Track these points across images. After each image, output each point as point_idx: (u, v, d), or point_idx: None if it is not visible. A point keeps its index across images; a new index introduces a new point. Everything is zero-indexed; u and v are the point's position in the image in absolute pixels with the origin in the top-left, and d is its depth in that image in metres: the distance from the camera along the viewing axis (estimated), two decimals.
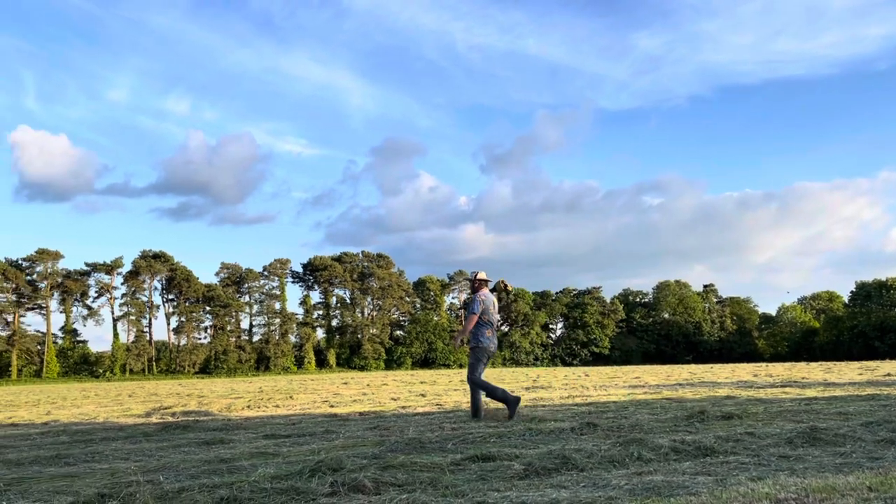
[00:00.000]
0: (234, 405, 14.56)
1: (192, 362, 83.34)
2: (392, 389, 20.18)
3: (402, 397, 15.20)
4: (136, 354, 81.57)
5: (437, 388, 20.22)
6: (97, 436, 8.75)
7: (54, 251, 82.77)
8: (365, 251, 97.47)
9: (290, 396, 17.61)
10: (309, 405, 13.78)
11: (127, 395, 24.29)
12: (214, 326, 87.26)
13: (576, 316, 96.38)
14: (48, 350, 79.17)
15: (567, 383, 20.76)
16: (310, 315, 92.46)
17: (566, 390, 16.38)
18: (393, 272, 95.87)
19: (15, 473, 5.60)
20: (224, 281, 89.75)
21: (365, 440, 6.83)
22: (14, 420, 13.30)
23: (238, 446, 6.80)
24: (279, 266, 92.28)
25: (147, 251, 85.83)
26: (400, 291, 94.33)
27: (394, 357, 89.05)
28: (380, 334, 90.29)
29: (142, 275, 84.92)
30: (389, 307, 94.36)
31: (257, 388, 27.12)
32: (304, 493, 3.94)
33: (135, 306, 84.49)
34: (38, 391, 40.11)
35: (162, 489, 4.18)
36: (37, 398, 26.12)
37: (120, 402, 18.76)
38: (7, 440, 8.87)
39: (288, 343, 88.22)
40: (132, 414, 13.38)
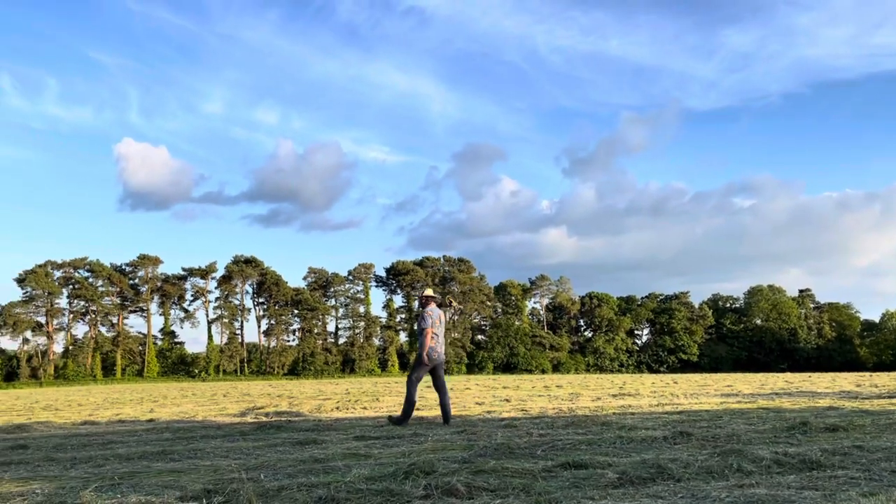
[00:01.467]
0: (323, 406, 14.93)
1: (281, 364, 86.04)
2: (475, 394, 20.20)
3: (487, 402, 15.19)
4: (228, 356, 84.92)
5: (521, 393, 20.11)
6: (197, 433, 9.15)
7: (154, 257, 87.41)
8: (446, 256, 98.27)
9: (376, 399, 17.90)
10: (396, 408, 13.96)
11: (222, 395, 25.31)
12: (302, 329, 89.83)
13: (662, 322, 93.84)
14: (149, 350, 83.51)
15: (655, 391, 20.24)
16: (393, 318, 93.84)
17: (655, 398, 15.96)
18: (474, 277, 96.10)
19: (125, 468, 5.93)
20: (311, 285, 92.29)
21: (453, 444, 6.86)
22: (121, 417, 14.09)
23: (330, 447, 6.97)
24: (363, 270, 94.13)
25: (239, 256, 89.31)
26: (481, 296, 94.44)
27: (475, 361, 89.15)
28: (461, 338, 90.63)
29: (234, 279, 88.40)
30: (471, 311, 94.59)
31: (344, 389, 27.72)
32: (398, 495, 4.00)
33: (228, 309, 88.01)
34: (140, 389, 42.37)
35: (263, 487, 4.33)
36: (140, 396, 27.59)
37: (216, 402, 19.56)
38: (116, 436, 9.40)
39: (372, 346, 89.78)
40: (228, 413, 13.92)
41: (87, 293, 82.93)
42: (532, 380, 42.16)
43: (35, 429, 11.28)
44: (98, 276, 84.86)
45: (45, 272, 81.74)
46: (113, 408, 18.21)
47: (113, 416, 14.60)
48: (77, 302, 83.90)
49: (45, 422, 13.15)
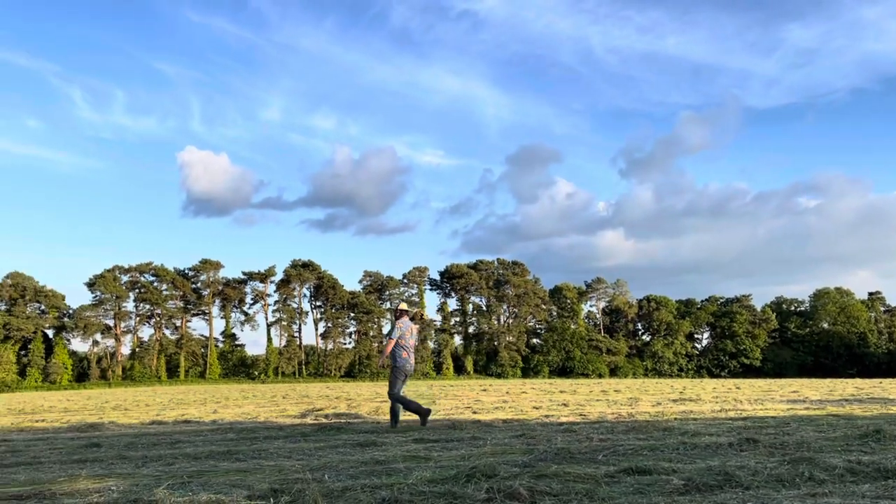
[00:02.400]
0: (381, 409, 15.07)
1: (338, 366, 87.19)
2: (532, 398, 20.08)
3: (544, 406, 15.08)
4: (287, 358, 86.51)
5: (579, 397, 19.90)
6: (260, 434, 9.36)
7: (216, 261, 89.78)
8: (500, 259, 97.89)
9: (432, 402, 17.96)
10: (452, 410, 14.00)
11: (281, 397, 25.80)
12: (358, 332, 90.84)
13: (723, 325, 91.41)
14: (211, 353, 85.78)
15: (717, 396, 19.74)
16: (447, 322, 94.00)
17: (717, 403, 15.58)
18: (528, 280, 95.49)
19: (194, 467, 6.11)
20: (367, 288, 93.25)
21: (513, 448, 6.84)
22: (186, 417, 14.51)
23: (390, 449, 7.03)
24: (418, 274, 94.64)
25: (297, 260, 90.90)
26: (536, 299, 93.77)
27: (530, 365, 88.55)
28: (516, 342, 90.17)
29: (292, 283, 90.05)
30: (525, 315, 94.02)
31: None
32: (460, 497, 4.01)
33: (286, 312, 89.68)
34: (202, 391, 43.53)
35: (327, 487, 4.40)
36: (203, 397, 28.35)
37: (276, 403, 19.96)
38: (183, 435, 9.69)
39: (427, 349, 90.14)
40: (288, 414, 14.19)
41: (153, 297, 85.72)
42: (589, 384, 41.64)
43: (107, 428, 11.72)
44: (162, 280, 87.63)
45: (113, 277, 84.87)
46: (178, 408, 18.76)
47: (178, 416, 15.05)
48: (143, 305, 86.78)
49: (116, 422, 13.65)
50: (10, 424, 13.75)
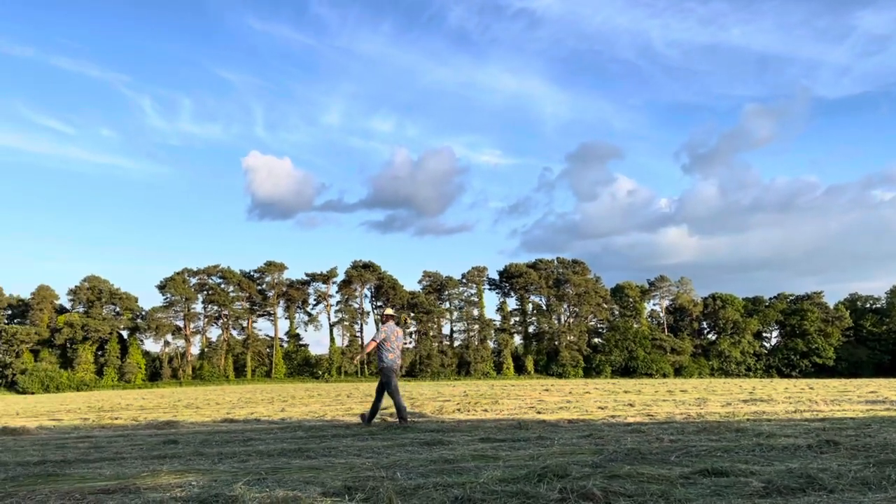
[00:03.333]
0: (444, 408, 15.14)
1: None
2: (596, 398, 19.83)
3: (610, 406, 14.88)
4: (349, 358, 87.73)
5: (644, 397, 19.55)
6: (328, 432, 9.52)
7: (279, 263, 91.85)
8: (560, 257, 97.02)
9: (495, 401, 17.95)
10: (516, 410, 13.95)
11: (345, 396, 26.20)
12: (418, 332, 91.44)
13: (793, 323, 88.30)
14: (276, 352, 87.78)
15: (790, 396, 19.09)
16: (507, 321, 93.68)
17: (791, 404, 15.07)
18: (589, 278, 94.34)
19: (268, 463, 6.26)
20: (426, 288, 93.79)
21: (581, 448, 6.77)
22: (256, 416, 14.89)
23: (457, 448, 7.05)
24: (476, 273, 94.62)
25: (358, 261, 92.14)
26: (597, 298, 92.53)
27: (592, 365, 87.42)
28: (577, 341, 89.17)
29: (353, 283, 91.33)
30: (586, 314, 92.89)
31: (462, 392, 27.96)
32: (533, 497, 3.99)
33: (348, 313, 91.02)
34: (269, 390, 44.58)
35: (400, 485, 4.45)
36: (270, 396, 29.03)
37: (341, 402, 20.27)
38: (254, 433, 9.94)
39: (487, 349, 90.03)
40: (354, 413, 14.40)
41: (220, 298, 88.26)
42: (653, 384, 40.86)
43: (181, 425, 12.13)
44: (229, 282, 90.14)
45: (182, 279, 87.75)
46: (247, 407, 19.27)
47: (248, 414, 15.45)
48: (211, 307, 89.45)
49: (189, 420, 14.10)
50: (91, 422, 14.37)
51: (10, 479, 5.63)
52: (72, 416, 16.66)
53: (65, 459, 6.96)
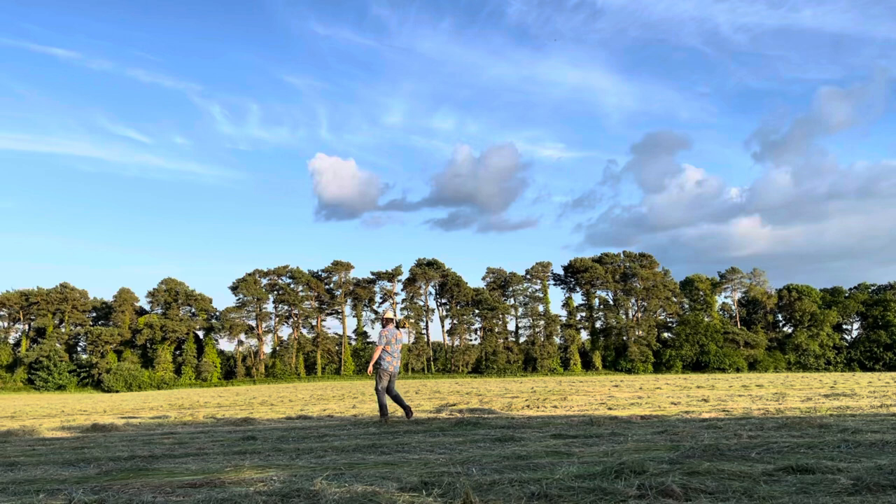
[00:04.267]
0: (513, 404, 15.11)
1: (464, 362, 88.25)
2: (668, 393, 19.44)
3: (683, 402, 14.57)
4: (416, 354, 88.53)
5: (718, 392, 19.05)
6: (401, 429, 9.64)
7: (346, 262, 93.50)
8: (626, 251, 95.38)
9: (564, 398, 17.81)
10: (586, 406, 13.81)
11: (414, 392, 26.45)
12: (483, 328, 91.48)
13: (876, 315, 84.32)
14: (344, 350, 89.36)
15: (874, 391, 18.27)
16: (573, 317, 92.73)
17: (876, 398, 14.42)
18: (657, 272, 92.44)
19: (344, 459, 6.40)
20: (490, 285, 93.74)
21: (656, 444, 6.66)
22: (328, 412, 15.20)
23: (529, 444, 7.04)
24: (541, 269, 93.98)
25: (422, 259, 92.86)
26: (666, 292, 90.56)
27: (662, 360, 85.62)
28: (646, 336, 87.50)
29: (418, 281, 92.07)
30: (655, 308, 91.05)
31: (529, 388, 27.85)
32: (611, 493, 3.96)
33: (413, 310, 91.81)
34: (339, 387, 45.43)
35: (476, 481, 4.48)
36: (341, 393, 29.58)
37: (410, 399, 20.47)
38: (328, 429, 10.16)
39: (553, 345, 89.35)
40: (423, 409, 14.52)
41: (290, 298, 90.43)
42: (727, 379, 39.73)
43: (258, 422, 12.50)
44: (298, 282, 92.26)
45: (253, 280, 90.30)
46: (319, 403, 19.69)
47: (321, 411, 15.79)
48: (281, 306, 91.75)
49: (265, 417, 14.51)
50: (173, 419, 14.95)
51: (103, 473, 5.93)
52: (155, 414, 17.38)
53: (152, 455, 7.28)
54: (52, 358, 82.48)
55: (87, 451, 7.88)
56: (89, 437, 10.63)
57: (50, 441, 10.00)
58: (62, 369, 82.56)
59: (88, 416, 17.30)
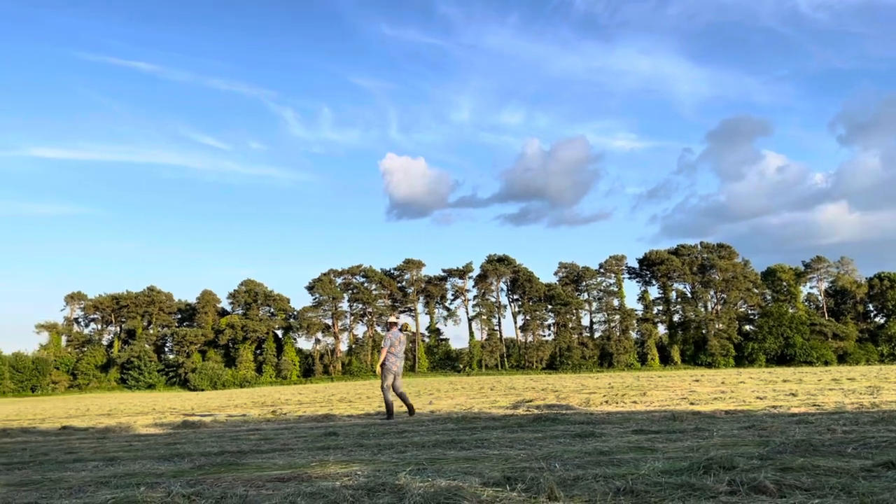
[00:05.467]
0: (591, 400, 14.93)
1: (538, 358, 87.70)
2: (752, 387, 18.78)
3: (769, 396, 14.06)
4: (489, 351, 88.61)
5: (807, 386, 18.29)
6: (478, 424, 9.67)
7: (417, 260, 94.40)
8: (704, 242, 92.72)
9: (643, 393, 17.46)
10: (667, 401, 13.51)
11: (489, 388, 26.47)
12: (557, 324, 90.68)
13: None
14: (418, 347, 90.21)
15: None
16: (649, 311, 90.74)
17: None
18: (737, 262, 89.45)
19: (424, 454, 6.46)
20: (563, 280, 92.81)
21: (744, 440, 6.46)
22: (405, 408, 15.37)
23: (610, 440, 6.95)
24: (615, 263, 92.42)
25: (492, 255, 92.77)
26: (746, 283, 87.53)
27: (744, 353, 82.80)
28: (727, 329, 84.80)
29: (489, 277, 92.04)
30: (735, 300, 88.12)
31: (606, 383, 27.43)
32: (699, 489, 3.86)
33: (485, 307, 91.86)
34: (414, 384, 45.87)
35: (559, 476, 4.45)
36: (416, 390, 29.87)
37: (485, 395, 20.50)
38: (407, 425, 10.29)
39: (629, 339, 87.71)
40: (500, 406, 14.52)
41: (364, 296, 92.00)
42: (815, 372, 38.09)
43: (338, 418, 12.78)
44: (371, 280, 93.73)
45: (329, 279, 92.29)
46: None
47: (398, 407, 15.98)
48: (356, 305, 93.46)
49: (344, 413, 14.80)
50: (257, 416, 15.44)
51: (196, 467, 6.18)
52: (240, 411, 17.99)
53: (240, 450, 7.54)
54: (143, 358, 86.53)
55: (180, 447, 8.23)
56: (180, 433, 11.11)
57: (145, 437, 10.50)
58: (151, 369, 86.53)
59: (178, 414, 18.06)
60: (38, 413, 25.51)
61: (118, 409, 25.54)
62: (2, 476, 6.24)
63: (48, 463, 7.23)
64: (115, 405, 31.41)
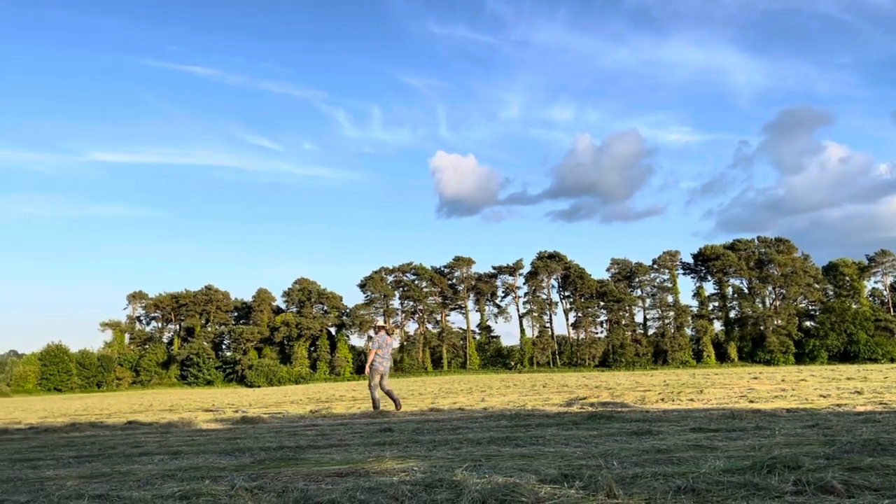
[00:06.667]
0: (646, 397, 14.72)
1: (591, 355, 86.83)
2: (814, 385, 18.24)
3: (833, 394, 13.63)
4: (541, 348, 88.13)
5: (873, 384, 17.66)
6: (532, 422, 9.64)
7: (467, 258, 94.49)
8: (761, 236, 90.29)
9: (700, 390, 17.14)
10: (724, 399, 13.24)
11: (541, 386, 26.35)
12: (609, 321, 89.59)
13: None
14: (469, 344, 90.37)
15: None
16: (705, 307, 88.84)
17: None
18: (796, 257, 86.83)
19: (479, 451, 6.48)
20: (615, 276, 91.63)
21: (808, 439, 6.29)
22: (458, 405, 15.43)
23: (668, 438, 6.84)
24: (668, 258, 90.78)
25: (543, 252, 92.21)
26: (807, 278, 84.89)
27: (805, 350, 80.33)
28: (786, 325, 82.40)
29: (540, 274, 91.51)
30: (795, 296, 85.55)
31: (661, 381, 27.00)
32: (764, 489, 3.78)
33: (536, 304, 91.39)
34: (466, 380, 45.98)
35: (617, 474, 4.41)
36: (468, 387, 29.94)
37: (537, 392, 20.43)
38: (459, 422, 10.32)
39: (684, 336, 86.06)
40: (553, 403, 14.44)
41: (415, 294, 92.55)
42: (881, 370, 36.70)
43: (392, 414, 12.89)
44: (422, 278, 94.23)
45: (380, 277, 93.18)
46: (449, 397, 20.02)
47: (451, 404, 16.06)
48: (407, 302, 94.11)
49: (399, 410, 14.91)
50: (309, 412, 15.70)
51: (257, 462, 6.33)
52: (296, 407, 18.32)
53: (298, 445, 7.69)
54: (201, 355, 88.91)
55: (240, 442, 8.44)
56: (239, 428, 11.38)
57: (206, 432, 10.80)
58: (210, 366, 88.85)
59: (236, 409, 18.50)
60: (105, 408, 26.48)
61: (179, 404, 26.30)
62: (74, 468, 6.51)
63: (116, 456, 7.50)
64: (176, 401, 32.36)
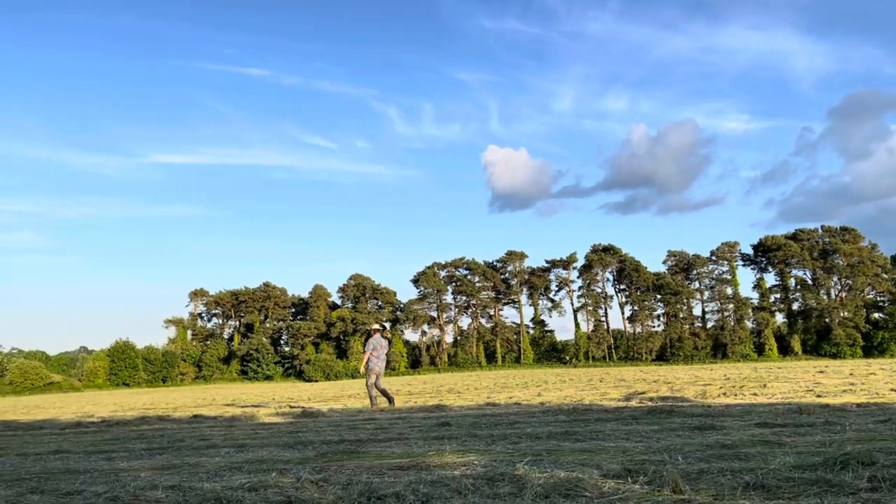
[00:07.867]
0: (707, 392, 14.43)
1: (648, 349, 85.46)
2: (884, 379, 17.55)
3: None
4: (596, 342, 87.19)
5: None
6: (591, 416, 9.56)
7: (520, 252, 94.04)
8: (825, 226, 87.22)
9: (763, 385, 16.69)
10: (790, 393, 12.87)
11: (598, 380, 26.07)
12: (667, 314, 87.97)
13: None
14: (523, 339, 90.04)
15: None
16: (766, 299, 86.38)
17: None
18: (863, 247, 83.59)
19: (539, 445, 6.46)
20: (672, 269, 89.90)
21: (881, 434, 6.07)
22: (514, 400, 15.40)
23: (732, 433, 6.70)
24: (727, 249, 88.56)
25: (597, 245, 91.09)
26: (874, 268, 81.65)
27: (874, 343, 77.37)
28: (853, 317, 79.46)
29: (594, 268, 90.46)
30: (862, 287, 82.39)
31: (722, 375, 26.39)
32: (837, 486, 3.67)
33: (591, 297, 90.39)
34: (520, 375, 45.85)
35: (681, 469, 4.35)
36: (523, 381, 29.85)
37: (594, 387, 20.22)
38: (517, 416, 10.31)
39: (744, 329, 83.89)
40: (611, 398, 14.28)
41: (468, 289, 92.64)
42: None
43: (450, 409, 12.95)
44: (475, 272, 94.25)
45: (433, 273, 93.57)
46: (504, 391, 20.01)
47: (507, 398, 16.04)
48: (460, 297, 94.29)
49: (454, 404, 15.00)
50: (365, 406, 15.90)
51: (320, 455, 6.46)
52: (354, 402, 18.58)
53: (358, 439, 7.80)
54: (261, 351, 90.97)
55: (302, 435, 8.61)
56: (301, 422, 11.61)
57: (268, 426, 11.05)
58: (269, 361, 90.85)
59: (296, 403, 18.88)
60: (170, 402, 27.36)
61: (240, 399, 26.98)
62: (146, 460, 6.75)
63: (184, 448, 7.74)
64: (238, 395, 33.19)
